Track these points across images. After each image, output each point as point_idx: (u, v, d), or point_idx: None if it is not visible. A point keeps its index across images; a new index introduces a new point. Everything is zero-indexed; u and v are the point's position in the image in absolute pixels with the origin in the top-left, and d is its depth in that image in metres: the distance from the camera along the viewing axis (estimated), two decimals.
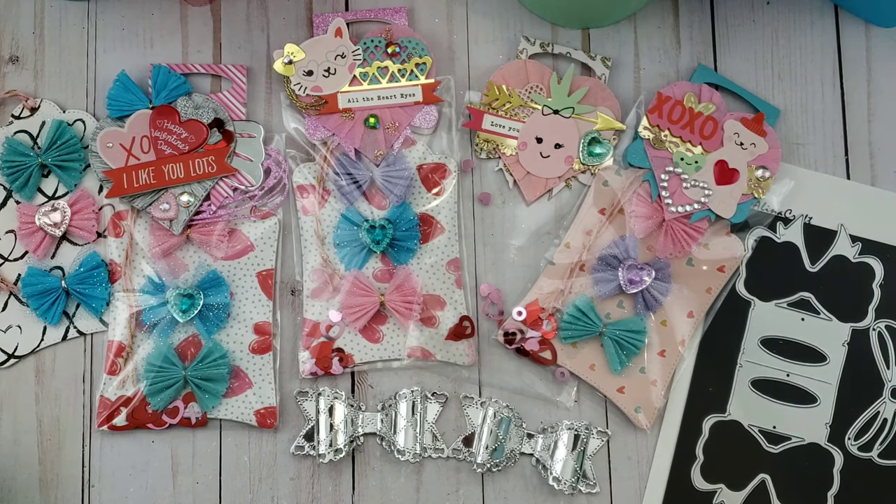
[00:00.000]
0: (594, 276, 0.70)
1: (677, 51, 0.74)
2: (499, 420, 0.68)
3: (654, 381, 0.70)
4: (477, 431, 0.69)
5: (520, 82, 0.72)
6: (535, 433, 0.69)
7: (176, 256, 0.70)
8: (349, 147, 0.71)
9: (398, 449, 0.67)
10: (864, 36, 0.75)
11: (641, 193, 0.71)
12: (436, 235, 0.71)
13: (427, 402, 0.69)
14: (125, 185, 0.69)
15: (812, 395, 0.71)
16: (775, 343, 0.71)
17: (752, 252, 0.72)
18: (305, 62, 0.71)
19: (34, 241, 0.69)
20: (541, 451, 0.68)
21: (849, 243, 0.72)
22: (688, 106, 0.72)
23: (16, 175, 0.70)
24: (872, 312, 0.72)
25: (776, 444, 0.70)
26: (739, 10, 0.75)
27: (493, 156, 0.72)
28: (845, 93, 0.75)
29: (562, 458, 0.67)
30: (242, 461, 0.69)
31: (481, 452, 0.68)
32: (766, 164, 0.71)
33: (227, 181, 0.70)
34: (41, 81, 0.73)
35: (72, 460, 0.69)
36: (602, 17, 0.74)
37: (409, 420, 0.68)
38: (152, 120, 0.70)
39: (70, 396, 0.69)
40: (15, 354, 0.69)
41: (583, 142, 0.72)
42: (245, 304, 0.70)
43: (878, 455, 0.71)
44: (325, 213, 0.71)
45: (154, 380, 0.68)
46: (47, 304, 0.69)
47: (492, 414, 0.68)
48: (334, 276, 0.70)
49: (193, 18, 0.74)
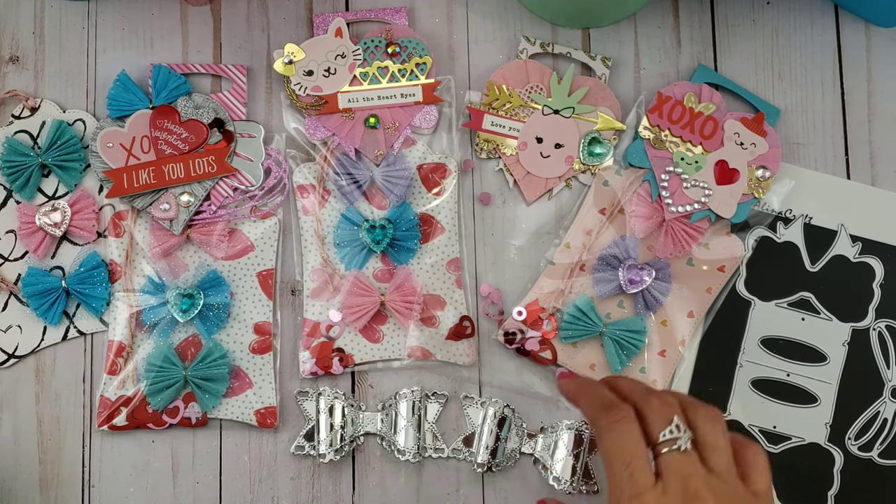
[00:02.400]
0: (594, 275, 0.70)
1: (677, 51, 0.74)
2: (499, 420, 0.68)
3: (654, 381, 0.70)
4: (477, 431, 0.69)
5: (520, 82, 0.72)
6: (535, 433, 0.69)
7: (176, 256, 0.70)
8: (349, 147, 0.71)
9: (398, 449, 0.67)
10: (864, 36, 0.75)
11: (642, 193, 0.71)
12: (436, 235, 0.71)
13: (427, 402, 0.69)
14: (125, 185, 0.69)
15: (812, 395, 0.71)
16: (775, 343, 0.71)
17: (753, 252, 0.72)
18: (305, 62, 0.71)
19: (34, 241, 0.69)
20: (541, 451, 0.68)
21: (849, 243, 0.72)
22: (688, 106, 0.72)
23: (16, 175, 0.70)
24: (872, 312, 0.72)
25: (776, 443, 0.70)
26: (739, 10, 0.75)
27: (493, 156, 0.72)
28: (845, 93, 0.75)
29: (562, 458, 0.67)
30: (242, 461, 0.69)
31: (481, 452, 0.68)
32: (766, 164, 0.71)
33: (227, 181, 0.70)
34: (41, 81, 0.73)
35: (72, 460, 0.69)
36: (602, 17, 0.74)
37: (409, 420, 0.68)
38: (152, 120, 0.70)
39: (70, 396, 0.69)
40: (15, 354, 0.69)
41: (583, 142, 0.72)
42: (245, 304, 0.70)
43: (879, 455, 0.71)
44: (326, 213, 0.71)
45: (154, 380, 0.68)
46: (47, 303, 0.69)
47: (492, 414, 0.68)
48: (334, 276, 0.70)
49: (193, 18, 0.74)
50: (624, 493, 0.50)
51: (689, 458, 0.51)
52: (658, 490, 0.50)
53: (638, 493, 0.49)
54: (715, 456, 0.52)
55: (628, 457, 0.50)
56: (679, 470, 0.50)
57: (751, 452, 0.53)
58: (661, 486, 0.50)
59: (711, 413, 0.53)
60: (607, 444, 0.52)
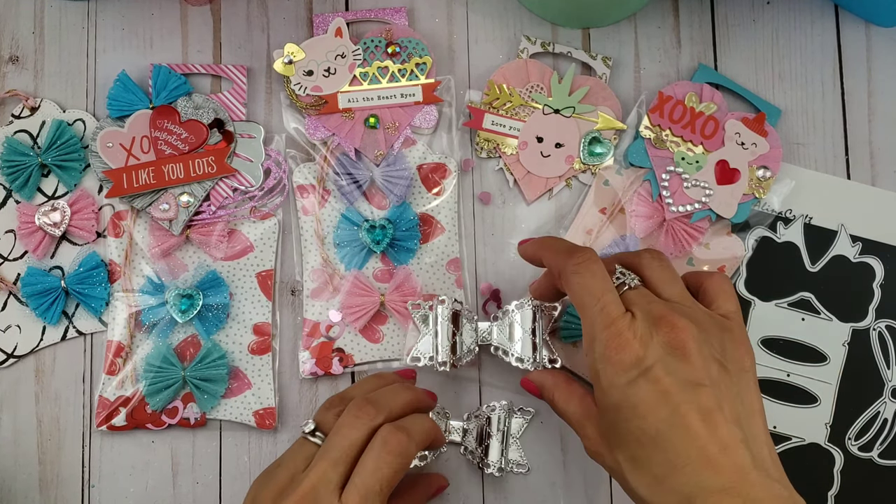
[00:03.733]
0: None
1: (677, 51, 0.74)
2: (452, 316, 0.66)
3: None
4: (431, 333, 0.67)
5: (520, 81, 0.72)
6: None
7: (175, 257, 0.70)
8: (349, 147, 0.70)
9: None
10: (864, 36, 0.75)
11: (642, 193, 0.71)
12: (436, 235, 0.71)
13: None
14: (125, 185, 0.69)
15: (812, 395, 0.71)
16: (775, 343, 0.71)
17: (753, 252, 0.72)
18: (305, 62, 0.71)
19: (34, 240, 0.69)
20: (497, 338, 0.67)
21: (849, 243, 0.72)
22: (689, 106, 0.72)
23: (16, 175, 0.70)
24: (873, 312, 0.72)
25: (776, 444, 0.70)
26: (739, 10, 0.75)
27: (493, 155, 0.72)
28: (845, 93, 0.75)
29: (519, 338, 0.67)
30: (242, 461, 0.69)
31: (441, 352, 0.66)
32: (767, 164, 0.71)
33: (226, 182, 0.70)
34: (41, 81, 0.73)
35: (72, 460, 0.69)
36: (602, 17, 0.74)
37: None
38: (152, 120, 0.70)
39: (70, 396, 0.69)
40: (14, 354, 0.69)
41: (583, 141, 0.72)
42: (244, 305, 0.70)
43: (879, 455, 0.71)
44: (325, 213, 0.71)
45: (153, 380, 0.68)
46: (47, 303, 0.69)
47: (443, 313, 0.66)
48: (334, 276, 0.70)
49: (193, 18, 0.74)
50: (597, 326, 0.53)
51: (643, 292, 0.55)
52: (628, 317, 0.53)
53: (611, 321, 0.53)
54: (667, 288, 0.55)
55: (599, 292, 0.54)
56: (638, 301, 0.54)
57: (714, 279, 0.57)
58: (629, 314, 0.53)
59: (652, 252, 0.57)
60: (577, 286, 0.55)
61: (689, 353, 0.51)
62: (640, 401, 0.51)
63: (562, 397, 0.60)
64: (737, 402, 0.52)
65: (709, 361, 0.52)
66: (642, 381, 0.51)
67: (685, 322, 0.52)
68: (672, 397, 0.50)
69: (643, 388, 0.51)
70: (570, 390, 0.60)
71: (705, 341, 0.52)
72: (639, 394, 0.51)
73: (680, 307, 0.54)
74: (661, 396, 0.51)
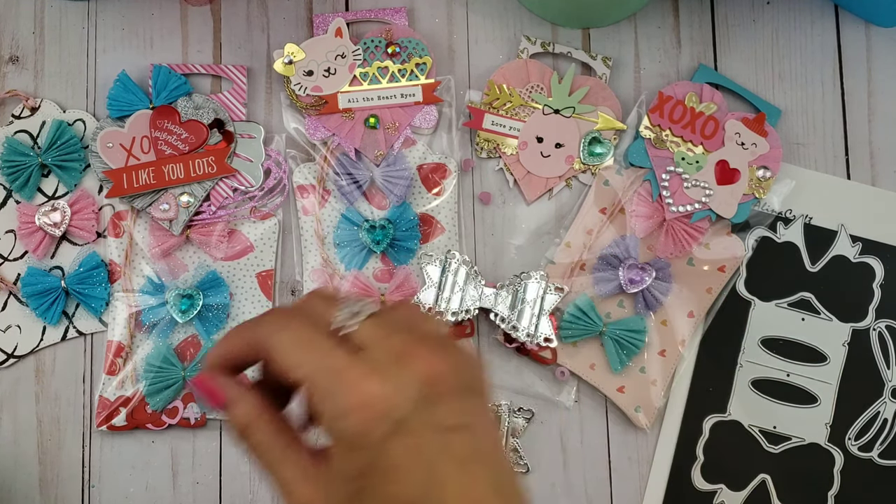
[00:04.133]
0: (595, 275, 0.70)
1: (677, 51, 0.74)
2: (456, 269, 0.68)
3: (654, 381, 0.70)
4: (438, 285, 0.68)
5: (520, 82, 0.72)
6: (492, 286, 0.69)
7: (175, 257, 0.70)
8: (349, 147, 0.70)
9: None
10: (864, 36, 0.75)
11: (642, 193, 0.71)
12: (436, 235, 0.71)
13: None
14: (125, 186, 0.69)
15: (812, 395, 0.71)
16: (775, 343, 0.71)
17: (753, 252, 0.72)
18: (305, 62, 0.71)
19: (34, 240, 0.69)
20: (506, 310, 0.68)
21: (849, 243, 0.72)
22: (689, 106, 0.72)
23: (16, 175, 0.70)
24: (873, 312, 0.72)
25: (776, 444, 0.70)
26: (739, 10, 0.75)
27: (493, 155, 0.72)
28: (845, 93, 0.75)
29: (527, 314, 0.67)
30: (242, 461, 0.69)
31: (453, 300, 0.67)
32: (767, 164, 0.71)
33: (227, 182, 0.70)
34: (41, 81, 0.73)
35: (72, 460, 0.69)
36: (602, 17, 0.74)
37: None
38: (152, 120, 0.70)
39: (70, 396, 0.69)
40: (14, 354, 0.69)
41: (583, 141, 0.72)
42: (244, 305, 0.70)
43: (879, 455, 0.71)
44: (325, 213, 0.71)
45: (153, 380, 0.68)
46: (47, 303, 0.69)
47: (453, 267, 0.68)
48: (334, 276, 0.70)
49: (193, 18, 0.74)
50: (327, 381, 0.40)
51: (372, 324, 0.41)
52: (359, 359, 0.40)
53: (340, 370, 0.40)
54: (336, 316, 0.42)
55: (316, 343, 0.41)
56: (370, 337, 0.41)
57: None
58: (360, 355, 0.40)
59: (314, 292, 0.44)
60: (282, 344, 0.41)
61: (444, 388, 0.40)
62: (394, 462, 0.39)
63: (267, 439, 0.43)
64: (487, 435, 0.41)
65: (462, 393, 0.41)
66: (396, 437, 0.39)
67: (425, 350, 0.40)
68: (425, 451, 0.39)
69: (398, 445, 0.39)
70: (283, 432, 0.43)
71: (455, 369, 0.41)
72: (393, 452, 0.39)
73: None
74: (415, 453, 0.39)
